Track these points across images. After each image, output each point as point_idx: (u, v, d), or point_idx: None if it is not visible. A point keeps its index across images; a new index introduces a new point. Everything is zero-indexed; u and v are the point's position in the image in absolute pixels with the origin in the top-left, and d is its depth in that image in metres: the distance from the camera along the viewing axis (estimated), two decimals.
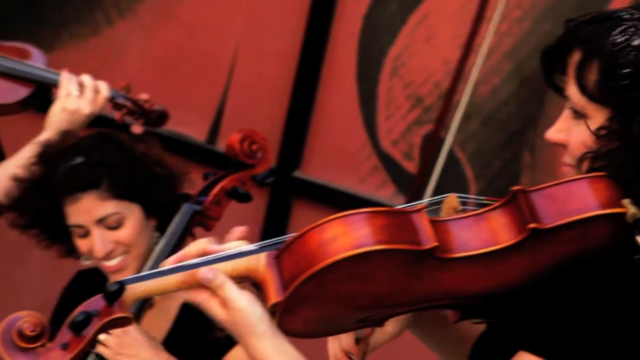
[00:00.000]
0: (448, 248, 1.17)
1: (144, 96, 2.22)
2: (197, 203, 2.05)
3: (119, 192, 1.95)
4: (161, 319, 2.01)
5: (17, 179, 2.01)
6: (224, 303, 1.18)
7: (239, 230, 1.25)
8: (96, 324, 1.11)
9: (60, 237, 2.03)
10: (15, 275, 3.59)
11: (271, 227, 3.03)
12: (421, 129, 2.86)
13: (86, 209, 1.94)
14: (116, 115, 2.17)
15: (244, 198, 2.14)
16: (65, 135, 2.04)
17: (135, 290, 1.15)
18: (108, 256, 1.97)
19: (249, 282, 1.20)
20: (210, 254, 1.20)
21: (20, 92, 2.16)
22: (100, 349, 1.80)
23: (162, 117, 2.24)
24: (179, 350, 1.89)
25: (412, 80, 2.86)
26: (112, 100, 2.16)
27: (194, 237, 2.08)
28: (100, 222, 1.95)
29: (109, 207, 1.94)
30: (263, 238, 3.19)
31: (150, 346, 1.84)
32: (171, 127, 3.14)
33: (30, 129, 2.21)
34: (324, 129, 2.99)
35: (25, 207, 2.01)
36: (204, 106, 3.17)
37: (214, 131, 3.16)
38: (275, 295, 1.16)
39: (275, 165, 2.86)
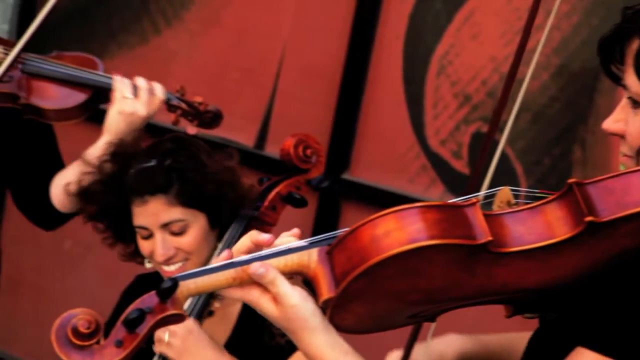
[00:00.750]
0: (502, 242, 1.15)
1: (198, 98, 2.23)
2: (254, 208, 2.04)
3: (187, 200, 1.93)
4: (221, 327, 2.00)
5: (87, 172, 2.02)
6: (276, 299, 1.17)
7: (292, 232, 1.23)
8: (150, 320, 1.10)
9: (126, 236, 2.02)
10: (69, 282, 3.63)
11: (321, 229, 3.01)
12: (469, 128, 2.82)
13: (153, 212, 1.94)
14: (171, 116, 2.18)
15: (300, 203, 2.12)
16: (140, 136, 2.05)
17: (188, 286, 1.14)
18: (168, 261, 1.96)
19: (300, 278, 1.19)
20: (262, 244, 1.19)
21: (78, 97, 2.18)
22: (164, 350, 1.80)
23: (216, 117, 2.25)
24: (240, 357, 1.87)
25: (459, 79, 2.83)
26: (167, 102, 2.17)
27: None
28: (165, 226, 1.94)
29: (175, 213, 1.94)
30: None
31: (214, 347, 1.84)
32: (219, 133, 3.14)
33: (87, 138, 2.24)
34: (371, 131, 2.97)
35: (93, 198, 2.01)
36: (252, 111, 3.17)
37: (262, 136, 3.15)
38: (327, 291, 1.15)
39: (325, 168, 2.84)
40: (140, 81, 2.14)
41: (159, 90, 2.14)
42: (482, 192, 1.21)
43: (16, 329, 3.69)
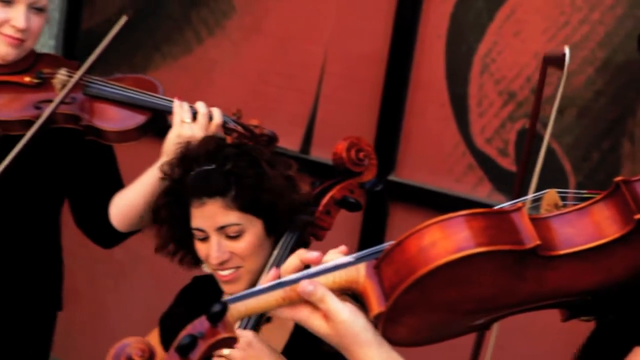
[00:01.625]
0: (551, 245, 1.12)
1: (254, 121, 2.24)
2: (308, 213, 2.02)
3: (244, 205, 1.92)
4: (278, 333, 1.98)
5: (161, 177, 2.05)
6: (326, 316, 1.16)
7: (339, 249, 1.21)
8: (202, 346, 1.10)
9: (187, 243, 2.02)
10: (122, 291, 3.66)
11: (369, 231, 3.01)
12: (515, 125, 2.79)
13: (209, 215, 1.93)
14: (228, 139, 2.20)
15: (355, 207, 2.09)
16: (205, 140, 2.04)
17: (238, 309, 1.14)
18: (222, 265, 1.95)
19: (349, 294, 1.17)
20: (310, 262, 1.18)
21: (138, 119, 2.20)
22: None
23: (271, 140, 2.25)
24: None
25: (503, 76, 2.80)
26: (224, 125, 2.19)
27: (306, 248, 2.05)
28: (221, 230, 1.93)
29: (232, 217, 1.92)
30: (361, 243, 3.20)
31: (276, 356, 1.82)
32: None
33: (146, 157, 2.27)
34: (416, 131, 2.95)
35: (159, 205, 2.03)
36: (296, 116, 3.16)
37: (307, 140, 3.15)
38: (377, 305, 1.14)
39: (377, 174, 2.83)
40: (200, 106, 2.17)
41: (217, 115, 2.16)
42: (529, 196, 1.19)
43: (73, 338, 3.73)
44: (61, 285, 2.43)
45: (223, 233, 1.94)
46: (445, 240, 1.10)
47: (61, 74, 2.22)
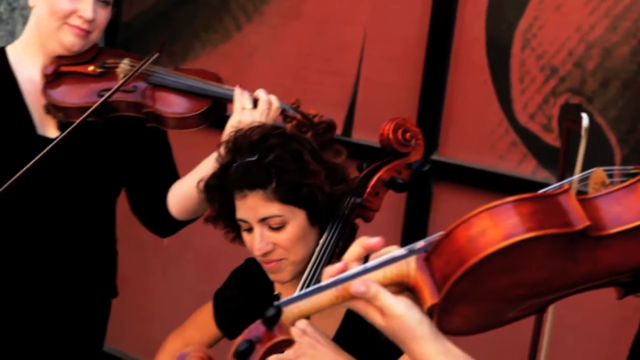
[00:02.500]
0: (601, 225, 1.11)
1: (312, 111, 2.25)
2: (356, 195, 2.01)
3: (285, 197, 1.92)
4: (329, 322, 1.98)
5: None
6: (381, 311, 1.16)
7: (379, 243, 1.21)
8: (259, 350, 1.10)
9: (235, 225, 2.03)
10: (170, 279, 3.68)
11: (413, 212, 2.99)
12: (558, 99, 2.75)
13: (251, 207, 1.93)
14: (287, 127, 2.21)
15: (403, 187, 2.08)
16: (251, 130, 2.03)
17: (292, 311, 1.14)
18: (265, 256, 1.95)
19: (402, 287, 1.17)
20: (372, 248, 1.18)
21: (199, 106, 2.22)
22: (279, 357, 1.78)
23: (329, 128, 2.25)
24: (348, 351, 1.85)
25: (544, 51, 2.76)
26: (282, 112, 2.20)
27: (354, 230, 2.04)
28: (263, 221, 1.93)
29: (273, 209, 1.92)
30: (406, 224, 3.18)
31: (330, 344, 1.82)
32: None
33: (206, 144, 2.28)
34: (458, 110, 2.92)
35: (208, 185, 2.04)
36: (336, 99, 3.15)
37: (349, 123, 3.14)
38: (430, 297, 1.13)
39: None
40: (260, 93, 2.18)
41: (276, 102, 2.18)
42: (575, 177, 1.17)
43: (123, 326, 3.77)
44: (116, 272, 2.46)
45: (265, 224, 1.93)
46: (494, 228, 1.09)
47: (124, 64, 2.25)
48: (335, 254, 1.94)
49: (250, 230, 1.97)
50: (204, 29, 3.46)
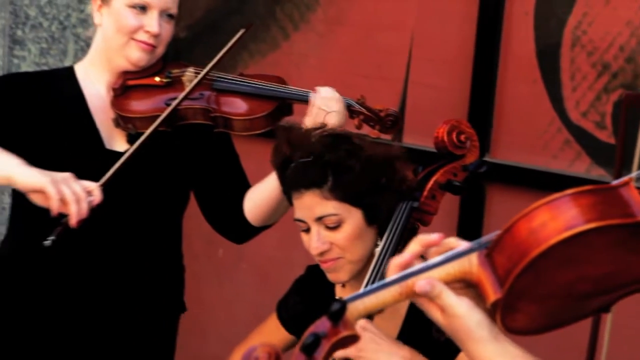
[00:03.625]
0: None
1: (378, 106, 2.28)
2: (413, 199, 1.99)
3: (341, 195, 1.91)
4: (391, 322, 1.97)
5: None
6: (443, 310, 1.16)
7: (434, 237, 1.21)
8: (325, 345, 1.10)
9: None
10: (225, 289, 3.68)
11: (468, 214, 2.96)
12: (611, 96, 2.71)
13: (307, 206, 1.93)
14: (354, 122, 2.24)
15: (460, 190, 2.06)
16: (307, 130, 2.03)
17: (357, 307, 1.14)
18: (322, 255, 1.94)
19: (465, 283, 1.17)
20: (432, 245, 1.18)
21: (265, 107, 2.24)
22: (340, 352, 1.78)
23: (395, 121, 2.29)
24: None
25: (595, 48, 2.72)
26: (349, 107, 2.23)
27: (414, 233, 2.02)
28: (319, 220, 1.93)
29: (329, 207, 1.92)
30: (460, 228, 3.15)
31: (391, 340, 1.81)
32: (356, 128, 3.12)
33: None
34: (508, 110, 2.89)
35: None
36: (386, 104, 3.12)
37: (399, 127, 3.11)
38: (493, 293, 1.13)
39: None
40: (329, 91, 2.20)
41: (341, 98, 2.21)
42: (634, 174, 1.16)
43: (179, 337, 3.78)
44: (183, 287, 2.46)
45: (322, 224, 1.93)
46: (555, 220, 1.08)
47: (189, 72, 2.27)
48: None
49: (307, 230, 1.96)
50: (252, 39, 3.47)
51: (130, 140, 2.22)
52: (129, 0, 2.19)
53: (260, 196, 2.28)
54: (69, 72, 2.29)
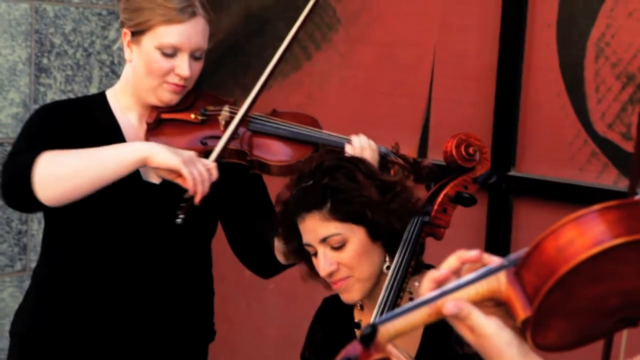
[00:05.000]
0: None
1: (412, 154, 2.25)
2: (424, 213, 2.00)
3: (341, 215, 1.92)
4: (409, 341, 1.95)
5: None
6: (472, 330, 1.15)
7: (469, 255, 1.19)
8: None
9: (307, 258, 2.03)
10: (253, 309, 3.65)
11: (495, 230, 2.91)
12: (637, 107, 2.65)
13: (311, 229, 1.94)
14: (391, 172, 2.19)
15: (469, 202, 2.06)
16: (310, 158, 2.06)
17: (388, 330, 1.13)
18: (331, 276, 1.94)
19: (493, 302, 1.15)
20: (470, 261, 1.17)
21: (302, 152, 2.20)
22: None
23: (431, 172, 2.23)
24: None
25: (619, 59, 2.67)
26: (384, 157, 2.18)
27: (423, 249, 2.02)
28: (324, 241, 1.93)
29: (331, 228, 1.93)
30: (488, 242, 3.09)
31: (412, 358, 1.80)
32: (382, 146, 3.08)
33: None
34: (533, 124, 2.84)
35: (283, 231, 2.05)
36: (410, 121, 3.10)
37: (423, 144, 3.08)
38: (522, 311, 1.11)
39: (490, 168, 2.75)
40: (362, 139, 2.15)
41: (374, 146, 2.16)
42: None
43: (210, 357, 3.75)
44: (213, 313, 2.43)
45: (327, 245, 1.93)
46: (582, 237, 1.08)
47: (225, 111, 2.23)
48: (408, 273, 1.93)
49: (315, 254, 1.97)
50: None
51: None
52: (159, 43, 2.13)
53: None
54: (102, 100, 2.26)
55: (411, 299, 1.95)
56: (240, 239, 2.34)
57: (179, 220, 2.04)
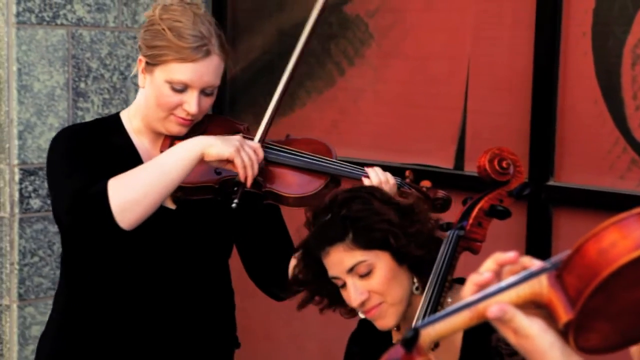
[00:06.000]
0: None
1: (426, 183, 2.22)
2: (460, 228, 1.99)
3: (364, 243, 1.92)
4: (448, 356, 1.93)
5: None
6: (515, 331, 1.14)
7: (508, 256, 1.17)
8: None
9: (336, 296, 2.02)
10: (295, 328, 3.62)
11: (534, 241, 2.86)
12: None
13: (337, 261, 1.93)
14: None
15: (503, 215, 2.05)
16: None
17: (429, 333, 1.13)
18: (363, 305, 1.93)
19: (536, 305, 1.14)
20: (508, 263, 1.16)
21: (316, 184, 2.19)
22: None
23: (446, 203, 2.22)
24: None
25: None
26: (399, 188, 2.16)
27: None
28: (351, 271, 1.92)
29: (357, 257, 1.91)
30: (528, 253, 3.03)
31: None
32: (417, 160, 3.06)
33: None
34: (571, 133, 2.79)
35: (295, 274, 2.04)
36: (445, 134, 3.06)
37: (460, 156, 3.04)
38: (564, 314, 1.11)
39: (528, 178, 2.71)
40: (379, 174, 2.14)
41: (392, 179, 2.14)
42: None
43: None
44: (235, 324, 2.41)
45: (355, 274, 1.92)
46: (625, 240, 1.07)
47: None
48: (445, 288, 1.92)
49: (344, 286, 1.95)
50: (308, 77, 3.43)
51: (176, 200, 2.19)
52: (170, 78, 2.10)
53: None
54: (117, 122, 2.24)
55: None
56: (254, 264, 2.33)
57: (234, 205, 2.07)
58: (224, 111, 3.61)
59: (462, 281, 2.01)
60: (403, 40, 3.15)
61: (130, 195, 2.01)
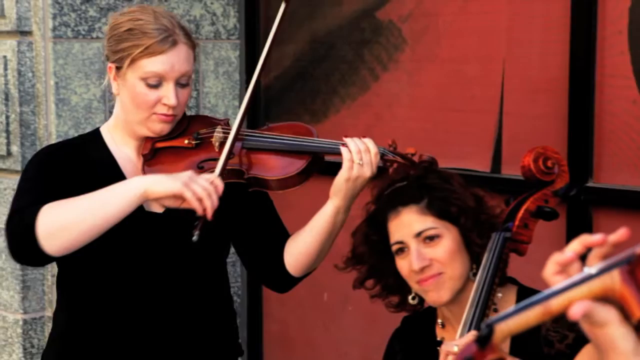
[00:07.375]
0: None
1: (410, 149, 2.17)
2: (505, 230, 1.96)
3: (438, 211, 1.92)
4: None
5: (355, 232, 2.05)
6: (591, 322, 1.14)
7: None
8: None
9: (392, 285, 2.01)
10: (332, 332, 3.59)
11: None
12: None
13: (406, 223, 1.93)
14: (389, 172, 2.13)
15: (551, 216, 2.01)
16: (387, 176, 2.06)
17: (502, 329, 1.13)
18: (423, 271, 1.91)
19: (607, 300, 1.13)
20: (594, 245, 1.16)
21: (298, 164, 2.16)
22: None
23: (431, 166, 2.17)
24: None
25: None
26: (382, 157, 2.13)
27: (506, 264, 1.97)
28: (418, 236, 1.92)
29: (428, 222, 1.92)
30: None
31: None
32: (453, 164, 3.01)
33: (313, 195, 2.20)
34: (609, 133, 2.73)
35: (356, 242, 2.03)
36: (481, 137, 3.02)
37: (497, 159, 2.99)
38: (638, 309, 1.09)
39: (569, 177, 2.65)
40: (359, 143, 2.11)
41: (374, 147, 2.11)
42: None
43: None
44: (237, 332, 2.39)
45: (421, 240, 1.91)
46: None
47: (218, 132, 2.19)
48: (493, 290, 1.89)
49: (403, 250, 1.93)
50: (342, 84, 3.40)
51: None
52: (142, 73, 2.10)
53: (300, 249, 2.20)
54: (96, 137, 2.24)
55: (496, 311, 1.91)
56: (250, 256, 2.30)
57: (194, 238, 2.01)
58: (259, 119, 3.59)
59: (515, 280, 2.00)
60: (437, 44, 3.11)
61: (59, 222, 1.99)
